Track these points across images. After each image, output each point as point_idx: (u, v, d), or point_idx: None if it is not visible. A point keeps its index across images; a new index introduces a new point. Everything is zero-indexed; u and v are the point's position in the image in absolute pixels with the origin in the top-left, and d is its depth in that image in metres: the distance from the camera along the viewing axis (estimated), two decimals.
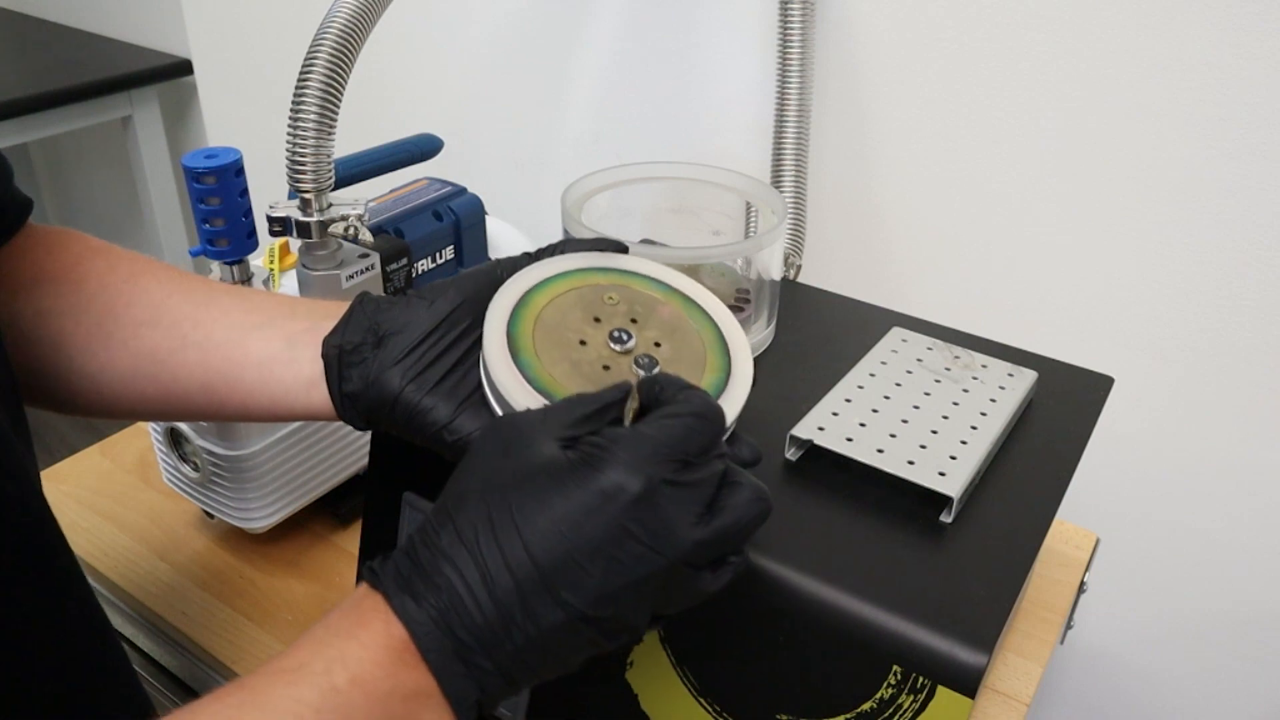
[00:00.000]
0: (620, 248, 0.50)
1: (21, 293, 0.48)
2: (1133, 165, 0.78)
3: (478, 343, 0.45)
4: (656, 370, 0.44)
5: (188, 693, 0.72)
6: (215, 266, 0.68)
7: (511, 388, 0.42)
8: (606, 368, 0.44)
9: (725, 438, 0.43)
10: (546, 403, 0.42)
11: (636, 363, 0.45)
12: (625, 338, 0.45)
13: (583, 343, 0.45)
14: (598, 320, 0.46)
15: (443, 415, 0.43)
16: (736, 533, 0.37)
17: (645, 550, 0.35)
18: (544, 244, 0.50)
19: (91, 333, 0.48)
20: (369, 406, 0.45)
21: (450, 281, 0.47)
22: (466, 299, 0.45)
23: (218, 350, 0.47)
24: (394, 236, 0.77)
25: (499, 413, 0.44)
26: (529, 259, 0.48)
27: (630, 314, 0.47)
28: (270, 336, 0.47)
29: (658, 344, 0.46)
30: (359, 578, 0.39)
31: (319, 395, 0.46)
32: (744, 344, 0.47)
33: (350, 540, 0.76)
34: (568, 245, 0.49)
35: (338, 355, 0.45)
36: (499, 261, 0.48)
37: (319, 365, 0.45)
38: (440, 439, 0.44)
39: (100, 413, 0.51)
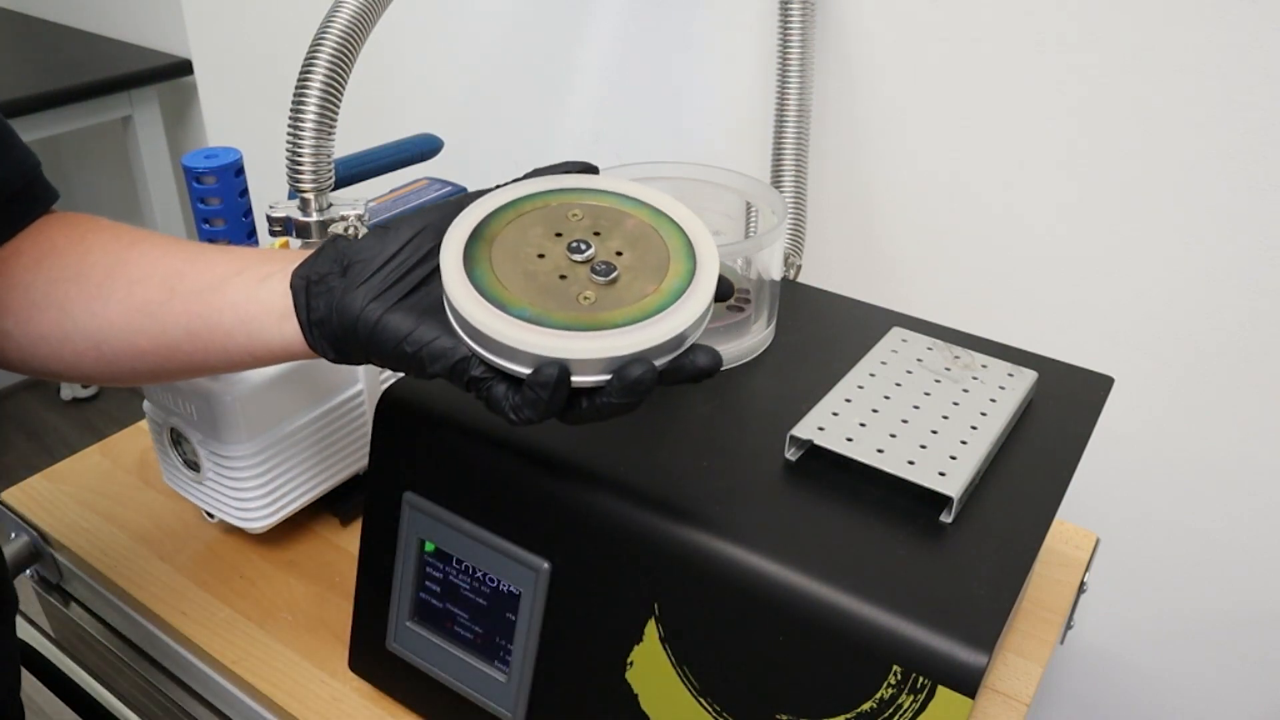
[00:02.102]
0: (589, 169, 0.50)
1: (34, 265, 0.52)
2: (1133, 165, 0.78)
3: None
4: (614, 274, 0.44)
5: (188, 692, 0.72)
6: None
7: (462, 297, 0.42)
8: (563, 277, 0.44)
9: (684, 347, 0.43)
10: (500, 312, 0.42)
11: (593, 269, 0.44)
12: (584, 247, 0.45)
13: (541, 256, 0.45)
14: (559, 235, 0.46)
15: (403, 328, 0.44)
16: None
17: None
18: None
19: (92, 294, 0.51)
20: (335, 333, 0.46)
21: (418, 211, 0.48)
22: (430, 224, 0.47)
23: (199, 297, 0.49)
24: None
25: (457, 329, 0.44)
26: (498, 188, 0.49)
27: (594, 227, 0.46)
28: (247, 280, 0.48)
29: (619, 253, 0.45)
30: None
31: (290, 328, 0.47)
32: (712, 256, 0.46)
33: (350, 540, 0.76)
34: (537, 171, 0.50)
35: (305, 285, 0.46)
36: (469, 194, 0.49)
37: (289, 298, 0.47)
38: (401, 352, 0.44)
39: (103, 373, 0.53)
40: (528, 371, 0.42)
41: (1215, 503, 0.87)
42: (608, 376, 0.42)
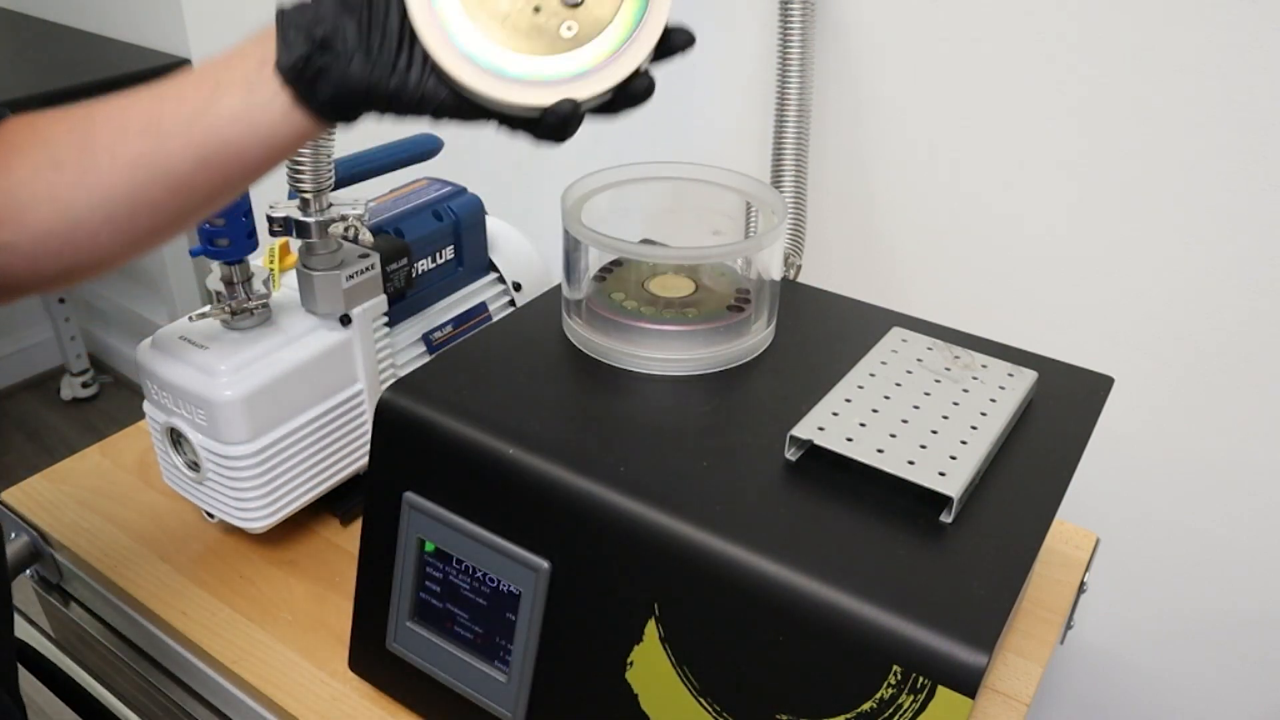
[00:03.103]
0: None
1: (2, 171, 0.49)
2: (1133, 166, 0.78)
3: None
4: None
5: (188, 692, 0.72)
6: (215, 266, 0.68)
7: (464, 75, 0.44)
8: (537, 9, 0.46)
9: (659, 40, 0.47)
10: (501, 81, 0.45)
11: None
12: None
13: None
14: None
15: (413, 96, 0.46)
16: None
17: None
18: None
19: (75, 175, 0.49)
20: (346, 106, 0.47)
21: None
22: None
23: (191, 129, 0.48)
24: (394, 236, 0.77)
25: (470, 95, 0.46)
26: None
27: None
28: (229, 94, 0.48)
29: None
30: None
31: (298, 119, 0.48)
32: None
33: (350, 540, 0.76)
34: None
35: (298, 77, 0.46)
36: None
37: (282, 95, 0.47)
38: (417, 112, 0.47)
39: (125, 242, 0.51)
40: (539, 112, 0.46)
41: (1215, 503, 0.87)
42: (609, 94, 0.47)
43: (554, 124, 0.47)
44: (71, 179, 0.49)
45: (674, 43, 0.48)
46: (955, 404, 0.56)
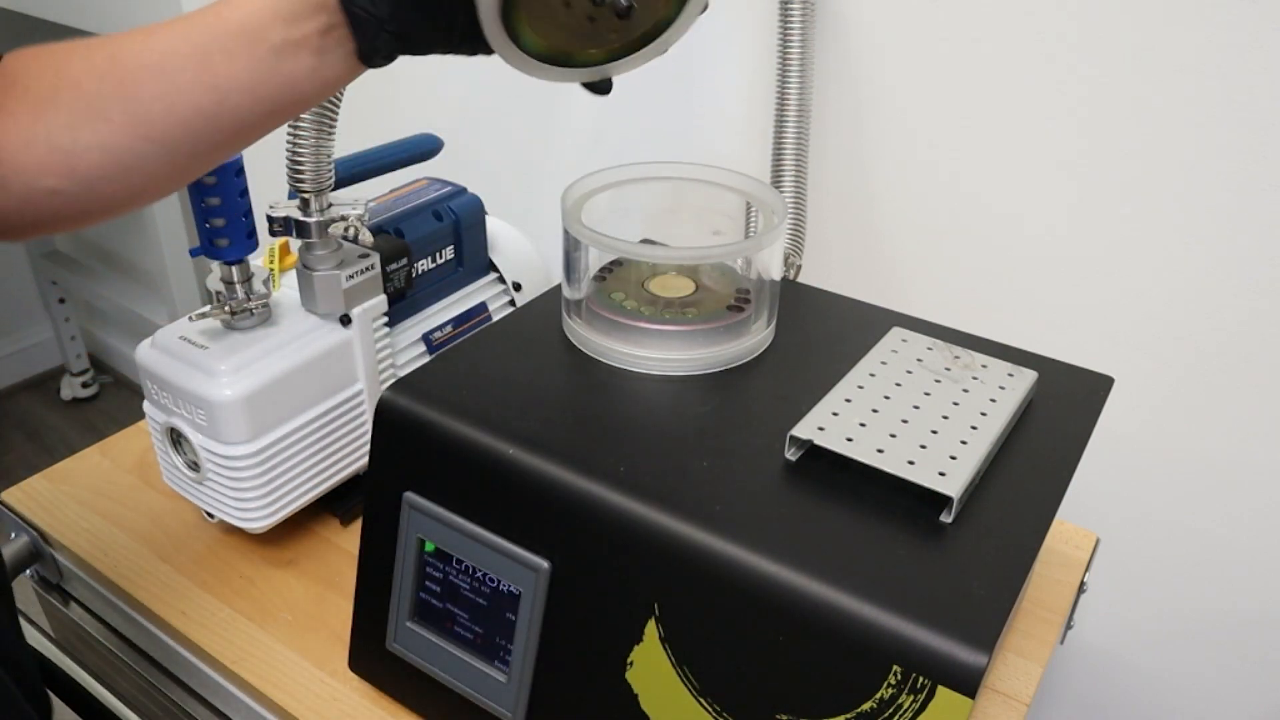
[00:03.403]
0: None
1: (37, 116, 0.47)
2: (1133, 165, 0.78)
3: None
4: (631, 11, 0.49)
5: (188, 692, 0.72)
6: (215, 266, 0.68)
7: (512, 60, 0.49)
8: (591, 19, 0.49)
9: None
10: (555, 68, 0.50)
11: (616, 13, 0.49)
12: None
13: (567, 4, 0.49)
14: None
15: (468, 50, 0.50)
16: None
17: None
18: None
19: (126, 124, 0.48)
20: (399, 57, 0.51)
21: None
22: None
23: (256, 84, 0.49)
24: (394, 236, 0.77)
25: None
26: None
27: None
28: (296, 59, 0.49)
29: None
30: None
31: (359, 70, 0.51)
32: None
33: (350, 540, 0.76)
34: None
35: (376, 56, 0.49)
36: None
37: (352, 58, 0.49)
38: (470, 53, 0.51)
39: (181, 175, 0.52)
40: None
41: (1215, 503, 0.87)
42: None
43: (595, 90, 0.55)
44: (122, 129, 0.48)
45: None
46: (955, 404, 0.56)
